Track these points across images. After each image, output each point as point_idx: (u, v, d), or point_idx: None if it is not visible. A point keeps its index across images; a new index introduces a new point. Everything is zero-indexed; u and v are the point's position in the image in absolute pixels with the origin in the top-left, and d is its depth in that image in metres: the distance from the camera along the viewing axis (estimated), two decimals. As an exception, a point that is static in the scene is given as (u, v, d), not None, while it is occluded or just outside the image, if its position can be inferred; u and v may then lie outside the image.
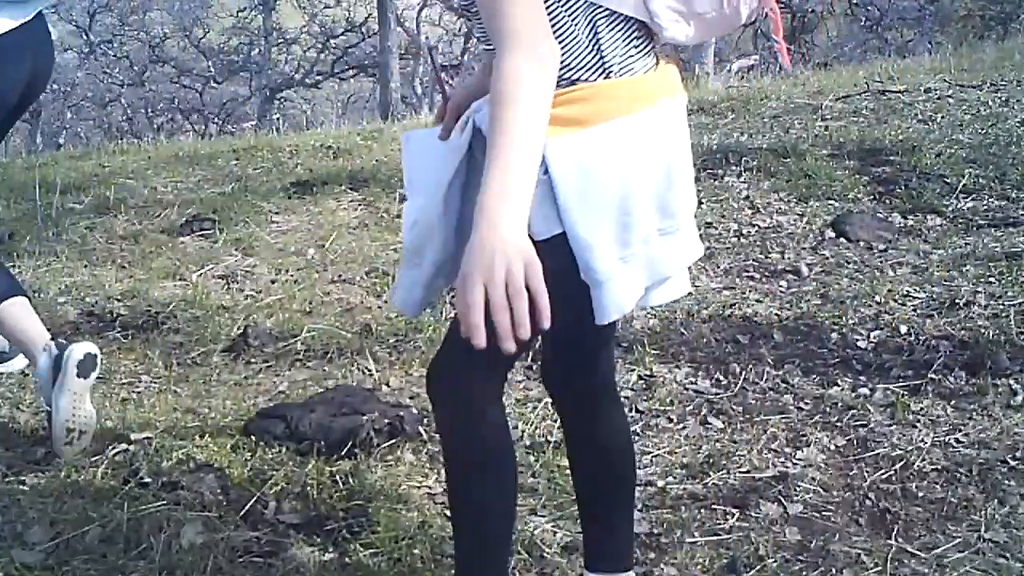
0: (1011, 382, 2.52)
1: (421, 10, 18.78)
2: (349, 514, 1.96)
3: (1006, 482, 2.12)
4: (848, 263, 3.42)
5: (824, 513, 2.05)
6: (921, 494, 2.10)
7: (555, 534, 1.95)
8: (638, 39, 1.34)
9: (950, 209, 3.81)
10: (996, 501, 2.05)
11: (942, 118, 4.87)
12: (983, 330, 2.78)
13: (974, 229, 3.61)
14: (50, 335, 2.21)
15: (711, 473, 2.20)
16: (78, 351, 2.14)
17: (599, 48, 1.30)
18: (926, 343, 2.76)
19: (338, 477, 2.08)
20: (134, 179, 4.90)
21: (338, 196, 4.38)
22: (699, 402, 2.56)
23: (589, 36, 1.30)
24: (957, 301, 2.97)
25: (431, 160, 1.41)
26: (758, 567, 1.86)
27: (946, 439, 2.31)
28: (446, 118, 1.50)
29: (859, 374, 2.67)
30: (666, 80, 1.39)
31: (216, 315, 3.08)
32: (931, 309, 2.97)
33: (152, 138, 8.31)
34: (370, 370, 2.70)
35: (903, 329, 2.85)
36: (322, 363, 2.76)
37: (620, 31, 1.32)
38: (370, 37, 17.86)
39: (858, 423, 2.41)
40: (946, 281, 3.16)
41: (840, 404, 2.50)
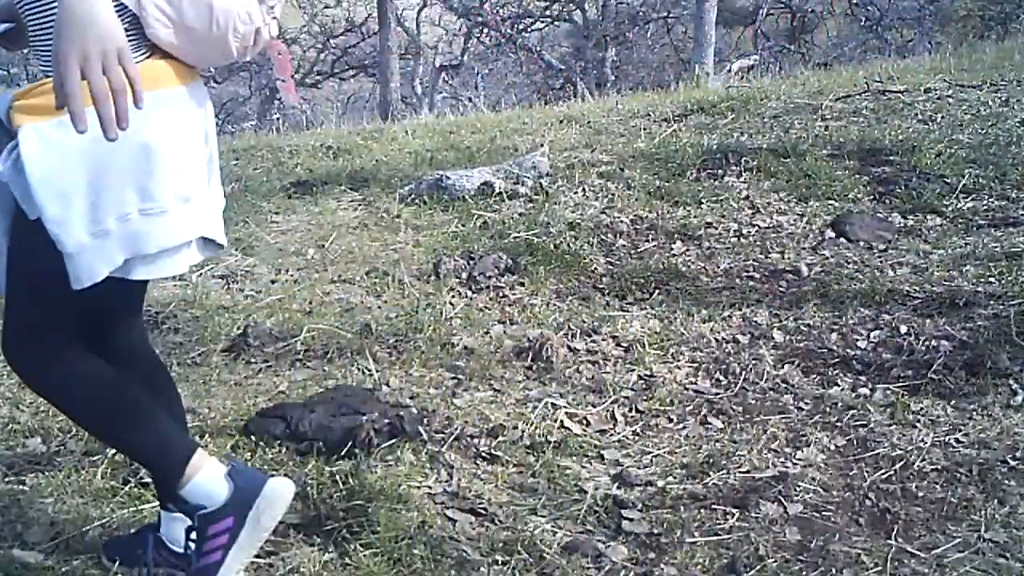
0: (1011, 382, 2.52)
1: (421, 10, 18.78)
2: (349, 514, 1.96)
3: (1006, 482, 2.12)
4: (848, 263, 3.42)
5: (824, 513, 2.05)
6: (921, 494, 2.10)
7: (555, 534, 1.95)
8: (128, 29, 1.37)
9: (950, 209, 3.81)
10: (996, 501, 2.05)
11: (942, 118, 4.87)
12: (983, 330, 2.78)
13: (974, 229, 3.61)
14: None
15: (711, 473, 2.20)
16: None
17: None
18: (926, 343, 2.76)
19: (338, 477, 2.08)
20: (134, 179, 4.90)
21: (338, 196, 4.38)
22: (699, 402, 2.56)
23: None
24: (957, 301, 2.97)
25: None
26: (758, 567, 1.86)
27: (946, 439, 2.31)
28: None
29: (859, 374, 2.67)
30: (153, 72, 1.45)
31: (216, 315, 3.08)
32: (931, 309, 2.97)
33: (152, 138, 8.27)
34: (370, 370, 2.70)
35: (903, 329, 2.85)
36: (322, 363, 2.76)
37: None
38: (370, 37, 17.86)
39: (858, 423, 2.41)
40: (946, 281, 3.16)
41: (840, 404, 2.50)
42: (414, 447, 2.24)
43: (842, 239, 3.63)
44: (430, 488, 2.10)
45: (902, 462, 2.21)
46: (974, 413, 2.42)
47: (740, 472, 2.20)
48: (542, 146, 4.75)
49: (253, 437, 2.24)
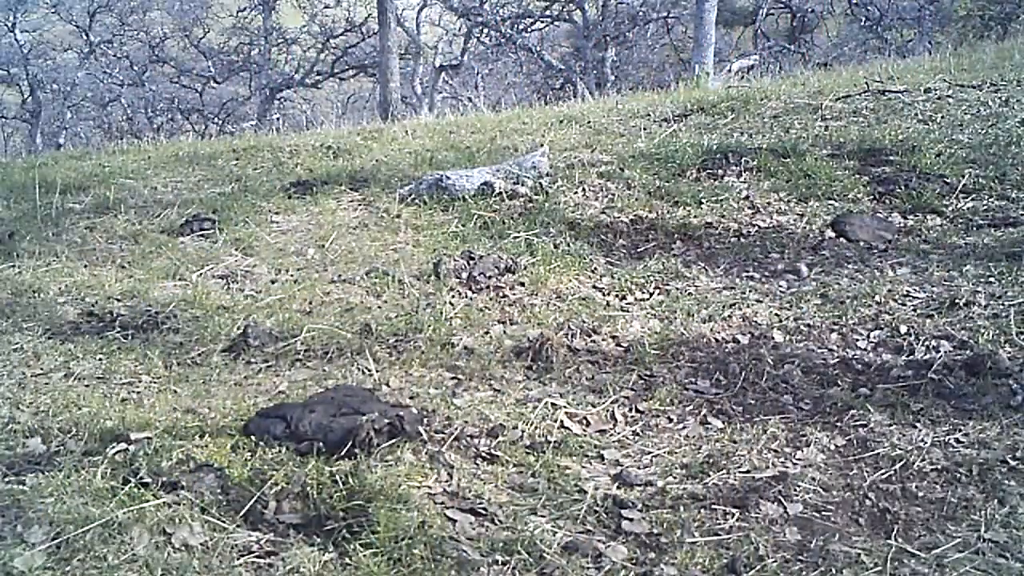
0: (1011, 382, 2.52)
1: (421, 10, 18.79)
2: (349, 514, 1.96)
3: (1006, 482, 2.12)
4: (848, 263, 3.42)
5: (824, 513, 2.05)
6: (921, 494, 2.10)
7: (555, 534, 1.95)
8: None
9: (950, 209, 3.81)
10: (996, 501, 2.05)
11: (942, 118, 4.87)
12: (983, 330, 2.78)
13: (974, 229, 3.61)
14: None
15: (711, 473, 2.20)
16: None
17: None
18: (926, 343, 2.76)
19: (338, 477, 2.08)
20: (134, 179, 4.90)
21: (338, 196, 4.38)
22: (699, 402, 2.56)
23: None
24: (957, 301, 2.97)
25: None
26: (758, 567, 1.86)
27: (946, 439, 2.31)
28: None
29: (859, 374, 2.67)
30: None
31: (216, 315, 3.08)
32: (931, 309, 2.97)
33: (152, 138, 8.30)
34: (370, 370, 2.70)
35: (903, 329, 2.85)
36: (322, 363, 2.76)
37: None
38: (370, 37, 17.87)
39: (858, 423, 2.41)
40: (946, 281, 3.16)
41: (840, 404, 2.50)
42: (414, 447, 2.24)
43: (842, 239, 3.63)
44: (430, 488, 2.10)
45: (902, 462, 2.21)
46: (974, 413, 2.42)
47: (740, 472, 2.20)
48: (542, 146, 4.75)
49: (253, 437, 2.24)
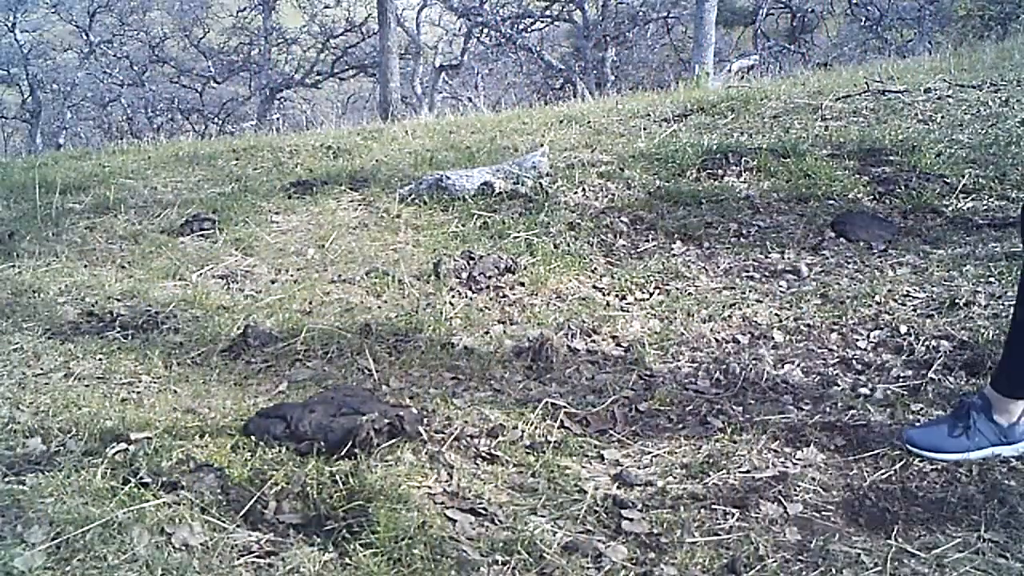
0: (1011, 382, 2.51)
1: (421, 10, 18.79)
2: (349, 514, 1.96)
3: (1006, 482, 2.11)
4: (848, 263, 3.42)
5: (824, 513, 2.05)
6: (921, 494, 2.10)
7: (555, 534, 1.95)
8: None
9: (950, 209, 3.81)
10: (996, 501, 2.05)
11: (942, 118, 4.87)
12: (983, 330, 2.78)
13: (974, 229, 3.61)
14: None
15: (711, 473, 2.20)
16: None
17: None
18: (926, 343, 2.76)
19: (338, 477, 2.08)
20: (134, 179, 4.90)
21: (338, 196, 4.38)
22: (699, 402, 2.56)
23: None
24: (957, 301, 2.97)
25: None
26: (758, 567, 1.86)
27: (946, 439, 2.31)
28: None
29: (859, 374, 2.67)
30: None
31: (216, 315, 3.08)
32: (931, 309, 2.97)
33: (152, 138, 8.30)
34: (370, 370, 2.70)
35: (903, 329, 2.85)
36: (322, 363, 2.76)
37: None
38: (370, 37, 17.87)
39: (858, 423, 2.41)
40: (946, 281, 3.16)
41: (840, 404, 2.50)
42: (414, 447, 2.24)
43: (842, 239, 3.63)
44: (430, 488, 2.10)
45: (902, 462, 2.21)
46: (974, 413, 2.41)
47: (740, 472, 2.19)
48: (542, 146, 4.75)
49: (253, 437, 2.24)
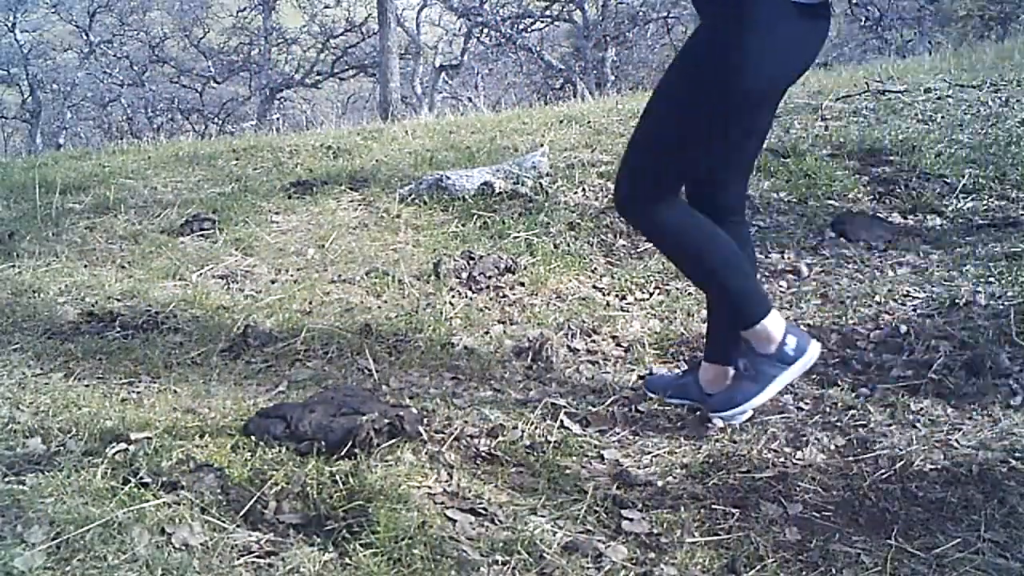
0: (1011, 382, 2.52)
1: (421, 10, 18.80)
2: (349, 514, 1.96)
3: (1006, 482, 2.11)
4: (848, 263, 3.42)
5: (824, 513, 2.05)
6: (921, 494, 2.10)
7: (555, 534, 1.95)
8: None
9: (950, 209, 3.81)
10: (996, 501, 2.05)
11: (942, 118, 4.86)
12: (983, 330, 2.78)
13: (974, 229, 3.61)
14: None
15: (711, 473, 2.20)
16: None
17: None
18: (926, 343, 2.76)
19: (338, 477, 2.08)
20: (134, 179, 4.90)
21: (338, 196, 4.38)
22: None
23: None
24: (957, 301, 2.97)
25: None
26: (758, 567, 1.86)
27: (946, 439, 2.31)
28: None
29: (859, 374, 2.67)
30: None
31: (216, 315, 3.08)
32: (931, 309, 2.97)
33: (152, 138, 8.30)
34: (370, 370, 2.70)
35: (903, 329, 2.85)
36: (322, 363, 2.76)
37: None
38: (370, 37, 17.87)
39: (858, 423, 2.41)
40: (946, 281, 3.16)
41: (840, 404, 2.50)
42: (414, 447, 2.24)
43: (842, 239, 3.63)
44: (430, 488, 2.10)
45: (902, 462, 2.21)
46: (974, 413, 2.42)
47: (740, 472, 2.19)
48: (542, 146, 4.75)
49: (253, 437, 2.24)
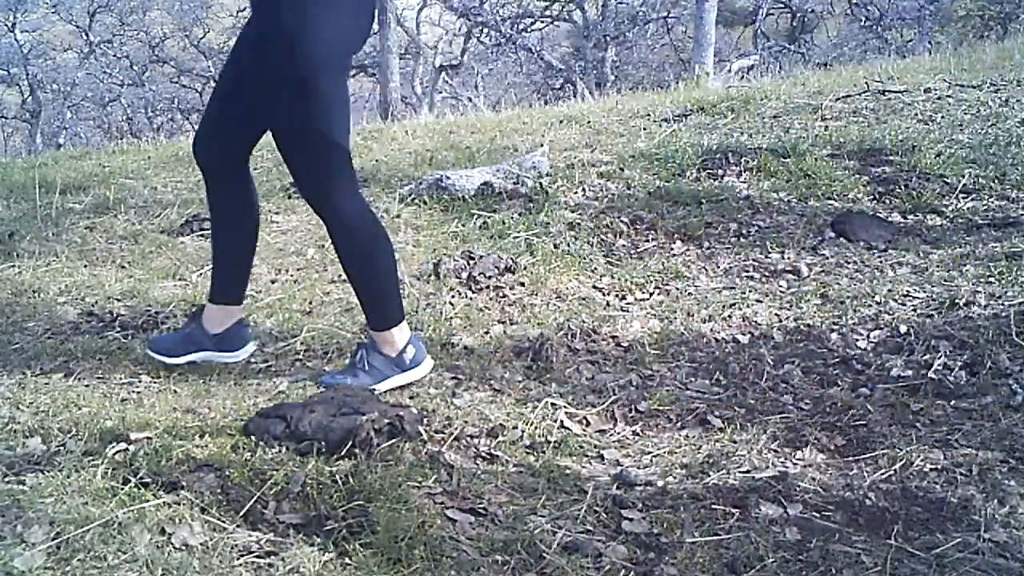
0: (1011, 382, 2.52)
1: (421, 10, 18.79)
2: (349, 514, 1.96)
3: (1006, 482, 2.11)
4: (848, 263, 3.42)
5: (824, 513, 2.05)
6: (921, 494, 2.10)
7: (555, 534, 1.95)
8: None
9: (950, 209, 3.81)
10: (996, 501, 2.05)
11: (942, 118, 4.87)
12: (983, 330, 2.78)
13: (974, 229, 3.61)
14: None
15: (711, 473, 2.20)
16: None
17: None
18: (926, 343, 2.76)
19: (338, 477, 2.08)
20: (134, 179, 4.90)
21: (338, 196, 4.37)
22: (699, 402, 2.56)
23: None
24: (957, 301, 2.97)
25: None
26: (758, 567, 1.86)
27: (946, 439, 2.31)
28: None
29: (859, 374, 2.67)
30: None
31: (216, 315, 3.07)
32: (931, 309, 2.97)
33: (152, 138, 8.30)
34: (370, 370, 2.69)
35: (903, 329, 2.85)
36: (322, 363, 2.76)
37: None
38: (370, 37, 17.86)
39: (858, 423, 2.41)
40: (946, 281, 3.16)
41: (840, 404, 2.50)
42: (414, 447, 2.24)
43: (842, 239, 3.63)
44: (430, 488, 2.10)
45: (902, 462, 2.21)
46: (974, 413, 2.42)
47: (740, 472, 2.19)
48: (542, 146, 4.75)
49: (253, 437, 2.24)
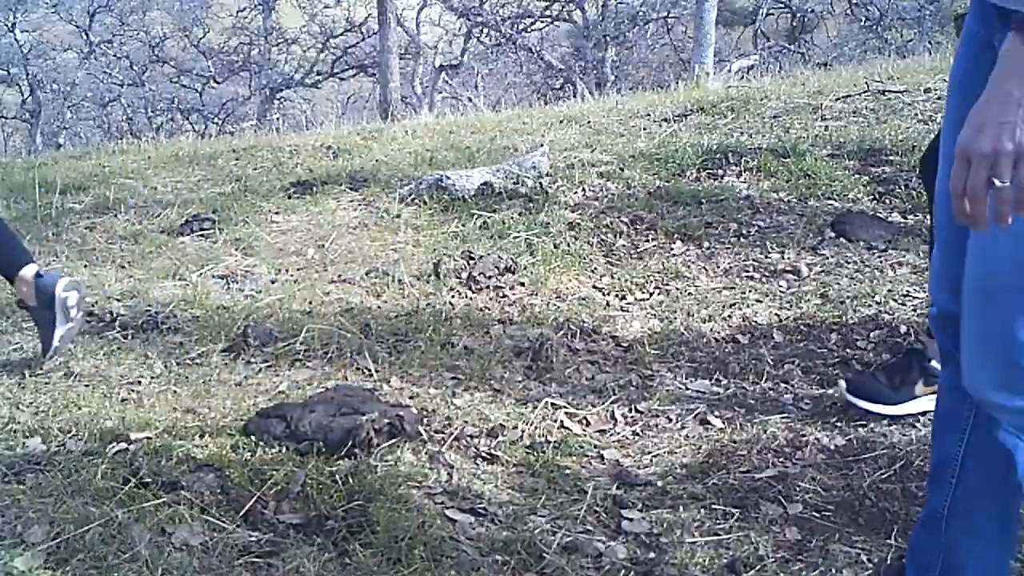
0: (1011, 382, 2.51)
1: (421, 10, 18.78)
2: (349, 514, 1.96)
3: (1006, 482, 2.11)
4: (848, 263, 3.42)
5: (824, 513, 2.05)
6: (921, 494, 2.10)
7: (555, 534, 1.95)
8: None
9: (950, 209, 3.80)
10: (996, 501, 2.05)
11: (942, 118, 4.86)
12: (983, 330, 2.78)
13: (974, 229, 3.60)
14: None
15: (711, 473, 2.20)
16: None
17: None
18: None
19: (338, 477, 2.08)
20: (134, 179, 4.90)
21: (338, 196, 4.38)
22: (699, 402, 2.56)
23: None
24: (957, 301, 2.96)
25: None
26: (758, 567, 1.86)
27: (946, 439, 2.31)
28: None
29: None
30: None
31: (216, 315, 3.07)
32: (931, 309, 2.97)
33: (152, 138, 8.30)
34: (370, 370, 2.70)
35: (903, 329, 2.85)
36: (322, 363, 2.76)
37: None
38: (370, 37, 17.86)
39: (858, 423, 2.41)
40: (946, 281, 3.16)
41: (840, 404, 2.50)
42: (414, 447, 2.24)
43: (842, 239, 3.63)
44: (430, 488, 2.10)
45: (902, 462, 2.21)
46: (974, 413, 2.42)
47: (740, 472, 2.20)
48: (542, 146, 4.75)
49: (253, 437, 2.24)
